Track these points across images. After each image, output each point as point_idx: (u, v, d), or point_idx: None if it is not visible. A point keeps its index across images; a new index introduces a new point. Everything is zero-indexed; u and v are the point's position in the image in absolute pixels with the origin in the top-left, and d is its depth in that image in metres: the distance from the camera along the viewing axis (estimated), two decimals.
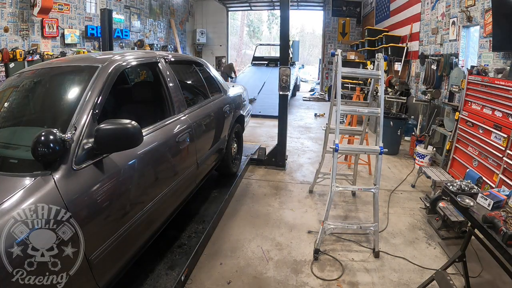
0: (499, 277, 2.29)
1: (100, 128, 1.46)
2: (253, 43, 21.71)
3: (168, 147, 2.15)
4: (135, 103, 2.59)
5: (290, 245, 2.71)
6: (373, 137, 4.16)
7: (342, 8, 11.89)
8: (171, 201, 2.22)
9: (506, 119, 3.08)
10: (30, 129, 1.66)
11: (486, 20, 3.92)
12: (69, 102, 1.71)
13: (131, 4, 8.91)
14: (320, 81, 13.42)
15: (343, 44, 11.92)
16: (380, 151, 2.58)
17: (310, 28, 32.66)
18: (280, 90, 4.18)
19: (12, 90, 1.98)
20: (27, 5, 5.53)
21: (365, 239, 2.79)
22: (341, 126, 3.45)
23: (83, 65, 1.96)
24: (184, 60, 3.45)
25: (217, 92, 3.42)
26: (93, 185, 1.46)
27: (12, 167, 1.43)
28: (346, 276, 2.34)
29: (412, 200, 3.58)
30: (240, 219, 3.10)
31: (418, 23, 6.36)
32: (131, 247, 1.78)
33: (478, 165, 3.51)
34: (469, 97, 3.79)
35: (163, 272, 2.12)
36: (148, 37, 9.83)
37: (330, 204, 2.61)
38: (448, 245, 2.72)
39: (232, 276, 2.30)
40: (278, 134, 4.36)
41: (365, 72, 5.07)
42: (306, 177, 4.18)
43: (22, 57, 5.37)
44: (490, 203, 1.88)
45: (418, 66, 6.22)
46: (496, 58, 3.80)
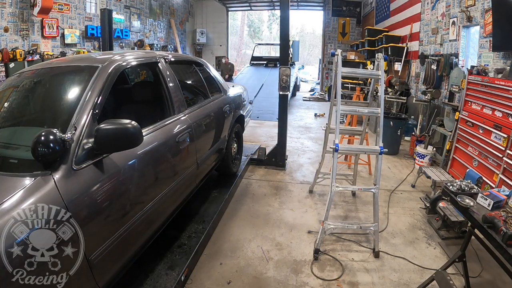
0: (499, 277, 2.29)
1: (100, 128, 1.46)
2: (254, 43, 21.69)
3: (168, 147, 2.15)
4: (135, 103, 2.59)
5: (290, 245, 2.71)
6: (373, 137, 4.16)
7: (342, 8, 11.90)
8: (171, 201, 2.21)
9: (506, 119, 3.08)
10: (30, 129, 1.65)
11: (486, 20, 3.92)
12: (69, 102, 1.71)
13: (131, 4, 8.91)
14: (320, 81, 13.42)
15: (343, 44, 11.93)
16: (380, 151, 2.58)
17: (310, 28, 32.68)
18: (280, 90, 4.18)
19: (12, 90, 1.98)
20: (27, 5, 5.53)
21: (365, 239, 2.79)
22: (341, 126, 3.44)
23: (83, 65, 1.96)
24: (184, 60, 3.45)
25: (217, 92, 3.42)
26: (93, 185, 1.46)
27: (12, 167, 1.43)
28: (346, 276, 2.34)
29: (412, 200, 3.58)
30: (240, 219, 3.10)
31: (418, 23, 6.36)
32: (131, 247, 1.78)
33: (478, 165, 3.51)
34: (469, 97, 3.79)
35: (163, 272, 2.12)
36: (148, 37, 9.83)
37: (330, 204, 2.61)
38: (448, 245, 2.72)
39: (232, 276, 2.30)
40: (278, 134, 4.36)
41: (365, 72, 5.07)
42: (306, 177, 4.18)
43: (22, 57, 5.37)
44: (490, 203, 1.88)
45: (418, 66, 6.22)
46: (496, 58, 3.80)
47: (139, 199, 1.80)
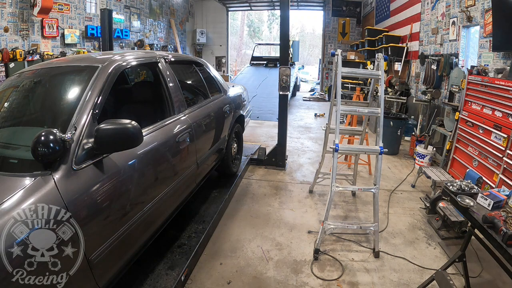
0: (499, 277, 2.29)
1: (100, 128, 1.46)
2: (254, 43, 21.68)
3: (168, 147, 2.15)
4: (135, 103, 2.60)
5: (290, 245, 2.71)
6: (373, 137, 4.16)
7: (342, 8, 11.90)
8: (171, 201, 2.21)
9: (506, 119, 3.08)
10: (30, 129, 1.66)
11: (486, 20, 3.92)
12: (69, 102, 1.71)
13: (131, 4, 8.90)
14: (320, 81, 13.42)
15: (343, 44, 11.92)
16: (380, 151, 2.58)
17: (310, 28, 32.68)
18: (280, 90, 4.18)
19: (12, 90, 1.99)
20: (27, 5, 5.52)
21: (365, 239, 2.79)
22: (341, 126, 3.45)
23: (83, 65, 1.96)
24: (184, 60, 3.45)
25: (217, 92, 3.42)
26: (93, 185, 1.46)
27: (12, 167, 1.43)
28: (346, 276, 2.34)
29: (412, 200, 3.58)
30: (240, 219, 3.10)
31: (418, 23, 6.36)
32: (131, 247, 1.78)
33: (478, 165, 3.51)
34: (469, 97, 3.79)
35: (163, 272, 2.12)
36: (148, 37, 9.83)
37: (330, 204, 2.61)
38: (448, 245, 2.72)
39: (232, 276, 2.30)
40: (278, 134, 4.36)
41: (365, 72, 5.07)
42: (306, 177, 4.18)
43: (22, 57, 5.36)
44: (490, 203, 1.88)
45: (418, 66, 6.22)
46: (496, 58, 3.80)
47: (139, 199, 1.80)
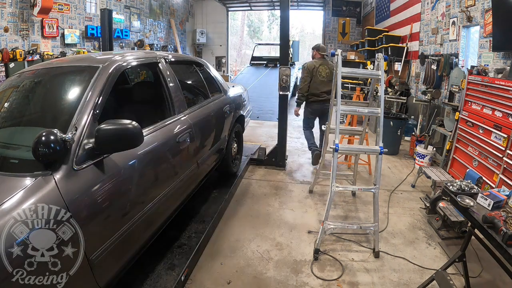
0: (499, 277, 2.29)
1: (100, 129, 1.46)
2: (254, 43, 21.66)
3: (169, 147, 2.15)
4: (135, 103, 2.60)
5: (290, 245, 2.71)
6: (373, 137, 4.16)
7: (342, 8, 11.89)
8: (171, 201, 2.21)
9: (506, 119, 3.08)
10: (31, 129, 1.65)
11: (486, 20, 3.92)
12: (70, 102, 1.71)
13: (131, 4, 8.91)
14: None
15: (343, 44, 11.91)
16: (380, 151, 2.59)
17: (310, 28, 32.60)
18: (280, 90, 4.18)
19: (13, 90, 1.98)
20: (27, 5, 5.53)
21: (365, 239, 2.79)
22: (341, 126, 3.44)
23: (83, 65, 1.96)
24: (184, 60, 3.45)
25: (217, 92, 3.42)
26: (94, 185, 1.46)
27: (12, 167, 1.43)
28: (346, 276, 2.34)
29: (412, 200, 3.58)
30: (240, 219, 3.10)
31: (418, 23, 6.36)
32: (132, 247, 1.78)
33: (478, 165, 3.51)
34: (469, 97, 3.79)
35: (163, 272, 2.12)
36: (148, 37, 9.83)
37: (330, 204, 2.61)
38: (448, 245, 2.72)
39: (232, 276, 2.31)
40: (278, 134, 4.36)
41: (365, 72, 5.07)
42: (306, 177, 4.18)
43: (22, 57, 5.36)
44: (490, 203, 1.88)
45: (418, 66, 6.22)
46: (496, 58, 3.80)
47: (139, 199, 1.80)
